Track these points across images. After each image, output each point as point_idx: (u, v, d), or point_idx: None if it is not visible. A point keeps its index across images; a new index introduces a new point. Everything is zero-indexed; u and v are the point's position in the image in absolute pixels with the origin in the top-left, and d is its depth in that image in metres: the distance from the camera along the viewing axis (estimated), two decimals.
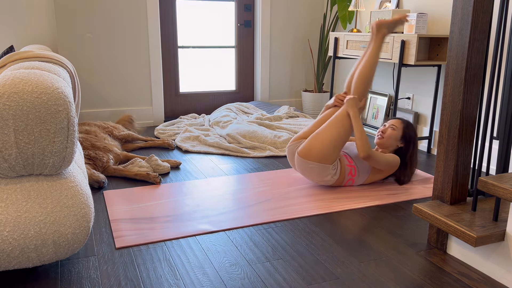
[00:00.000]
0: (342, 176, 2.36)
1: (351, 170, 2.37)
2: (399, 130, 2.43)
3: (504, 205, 1.74)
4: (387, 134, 2.43)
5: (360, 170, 2.38)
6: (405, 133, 2.42)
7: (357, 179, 2.41)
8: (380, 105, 3.57)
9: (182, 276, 1.56)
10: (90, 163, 2.47)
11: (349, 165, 2.37)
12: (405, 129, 2.43)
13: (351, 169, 2.37)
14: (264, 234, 1.88)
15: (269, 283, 1.52)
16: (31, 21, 3.44)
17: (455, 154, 1.71)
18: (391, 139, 2.43)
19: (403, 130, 2.43)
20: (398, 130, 2.43)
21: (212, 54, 4.14)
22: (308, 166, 2.28)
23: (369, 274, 1.59)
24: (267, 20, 4.10)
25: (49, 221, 1.41)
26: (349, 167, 2.37)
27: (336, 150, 2.26)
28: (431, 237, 1.81)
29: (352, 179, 2.39)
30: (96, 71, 3.63)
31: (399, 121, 2.46)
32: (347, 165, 2.37)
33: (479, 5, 1.60)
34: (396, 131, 2.42)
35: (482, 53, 1.66)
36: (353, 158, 2.40)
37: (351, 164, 2.38)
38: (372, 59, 2.35)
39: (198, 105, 4.18)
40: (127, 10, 3.60)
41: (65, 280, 1.53)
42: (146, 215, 2.04)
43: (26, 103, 1.32)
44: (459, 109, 1.67)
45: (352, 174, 2.37)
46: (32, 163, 1.38)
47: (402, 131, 2.43)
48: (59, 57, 1.87)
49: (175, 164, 2.73)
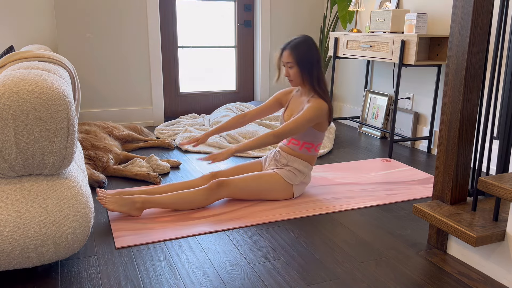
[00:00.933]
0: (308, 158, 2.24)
1: (305, 146, 2.23)
2: (294, 63, 2.17)
3: (504, 205, 1.74)
4: (292, 74, 2.20)
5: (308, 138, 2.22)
6: (301, 61, 2.17)
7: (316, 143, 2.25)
8: (380, 105, 3.57)
9: (182, 276, 1.56)
10: (90, 163, 2.47)
11: (300, 146, 2.22)
12: (296, 57, 2.17)
13: (304, 146, 2.23)
14: (264, 234, 1.88)
15: (269, 283, 1.52)
16: (31, 21, 3.44)
17: (455, 154, 1.71)
18: (297, 76, 2.19)
19: (296, 59, 2.17)
20: (294, 64, 2.17)
21: (212, 54, 4.14)
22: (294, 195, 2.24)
23: (369, 274, 1.59)
24: (267, 20, 4.10)
25: (49, 221, 1.41)
26: (302, 146, 2.22)
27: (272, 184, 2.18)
28: (431, 237, 1.81)
29: (315, 148, 2.25)
30: (96, 71, 3.63)
31: (288, 54, 2.18)
32: (299, 149, 2.23)
33: (479, 5, 1.60)
34: (294, 67, 2.18)
35: (482, 53, 1.66)
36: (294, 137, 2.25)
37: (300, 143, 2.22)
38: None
39: (198, 105, 4.18)
40: (127, 10, 3.60)
41: (65, 280, 1.53)
42: (146, 215, 2.04)
43: (26, 103, 1.32)
44: (459, 109, 1.67)
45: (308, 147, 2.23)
46: (32, 163, 1.38)
47: (296, 61, 2.17)
48: (59, 57, 1.87)
49: (175, 164, 2.73)
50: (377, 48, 3.13)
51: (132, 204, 1.99)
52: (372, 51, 3.16)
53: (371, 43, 3.17)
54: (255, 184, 2.16)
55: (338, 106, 4.25)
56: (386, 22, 3.10)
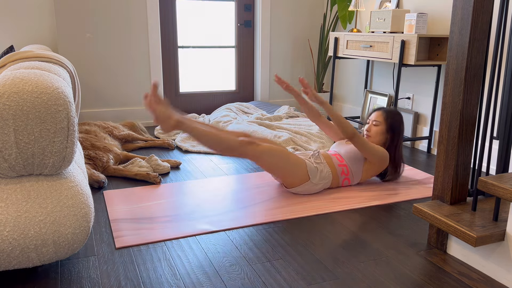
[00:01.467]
0: (335, 178, 2.34)
1: (343, 169, 2.35)
2: (382, 124, 2.40)
3: (504, 205, 1.74)
4: (373, 131, 2.42)
5: (352, 168, 2.36)
6: (388, 125, 2.40)
7: (352, 178, 2.39)
8: (380, 105, 3.57)
9: (182, 276, 1.56)
10: (90, 163, 2.47)
11: (340, 165, 2.35)
12: (387, 120, 2.40)
13: (343, 168, 2.35)
14: (264, 234, 1.88)
15: (269, 283, 1.52)
16: (31, 21, 3.44)
17: (455, 154, 1.71)
18: (378, 135, 2.41)
19: (386, 122, 2.40)
20: (381, 124, 2.40)
21: (212, 54, 4.14)
22: (298, 190, 2.28)
23: (369, 274, 1.59)
24: (267, 20, 4.10)
25: (49, 221, 1.41)
26: (341, 167, 2.35)
27: (296, 168, 2.21)
28: (431, 237, 1.81)
29: (347, 179, 2.38)
30: (96, 71, 3.63)
31: (380, 114, 2.43)
32: (338, 165, 2.34)
33: (479, 5, 1.60)
34: (380, 126, 2.40)
35: (482, 53, 1.66)
36: (344, 156, 2.37)
37: (342, 163, 2.36)
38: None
39: (198, 105, 4.18)
40: (127, 10, 3.60)
41: (65, 280, 1.53)
42: (146, 215, 2.04)
43: (26, 103, 1.32)
44: (459, 109, 1.67)
45: (345, 173, 2.36)
46: (32, 163, 1.38)
47: (385, 123, 2.40)
48: (59, 57, 1.87)
49: (175, 164, 2.73)
50: (377, 48, 3.13)
51: (169, 117, 1.96)
52: (372, 51, 3.16)
53: (371, 43, 3.17)
54: (280, 160, 2.19)
55: (338, 106, 4.25)
56: (386, 22, 3.10)
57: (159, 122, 1.97)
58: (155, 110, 1.94)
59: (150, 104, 1.93)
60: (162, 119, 1.95)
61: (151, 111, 1.94)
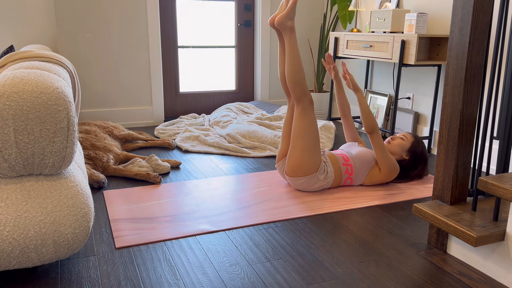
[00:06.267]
0: (338, 176, 2.35)
1: (347, 169, 2.37)
2: (408, 142, 2.46)
3: (504, 205, 1.74)
4: (396, 142, 2.48)
5: (357, 168, 2.38)
6: (413, 147, 2.46)
7: (356, 178, 2.40)
8: (380, 105, 3.57)
9: (182, 276, 1.56)
10: (90, 163, 2.47)
11: (345, 164, 2.37)
12: (414, 143, 2.47)
13: (347, 168, 2.37)
14: (264, 234, 1.88)
15: (269, 283, 1.52)
16: (31, 21, 3.44)
17: (455, 154, 1.71)
18: (398, 147, 2.46)
19: (412, 143, 2.46)
20: (407, 141, 2.46)
21: (212, 54, 4.14)
22: (298, 182, 2.30)
23: (369, 274, 1.59)
24: (267, 20, 4.10)
25: (49, 221, 1.41)
26: (345, 166, 2.37)
27: (315, 157, 2.26)
28: (431, 237, 1.81)
29: (350, 178, 2.39)
30: (96, 71, 3.63)
31: (411, 135, 2.50)
32: (342, 164, 2.37)
33: (479, 5, 1.60)
34: (405, 142, 2.46)
35: (482, 53, 1.66)
36: (351, 157, 2.40)
37: (348, 163, 2.38)
38: (292, 57, 2.23)
39: (198, 105, 4.18)
40: (127, 10, 3.60)
41: (65, 280, 1.53)
42: (146, 215, 2.04)
43: (26, 103, 1.32)
44: (459, 109, 1.67)
45: (349, 172, 2.38)
46: (32, 163, 1.38)
47: (411, 144, 2.46)
48: (59, 57, 1.87)
49: (175, 164, 2.73)
50: (377, 48, 3.13)
51: (291, 19, 2.18)
52: (372, 51, 3.16)
53: (371, 43, 3.17)
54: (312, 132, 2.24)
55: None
56: (386, 22, 3.10)
57: (286, 13, 2.16)
58: (296, 1, 2.15)
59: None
60: (290, 15, 2.17)
61: (293, 2, 2.15)
